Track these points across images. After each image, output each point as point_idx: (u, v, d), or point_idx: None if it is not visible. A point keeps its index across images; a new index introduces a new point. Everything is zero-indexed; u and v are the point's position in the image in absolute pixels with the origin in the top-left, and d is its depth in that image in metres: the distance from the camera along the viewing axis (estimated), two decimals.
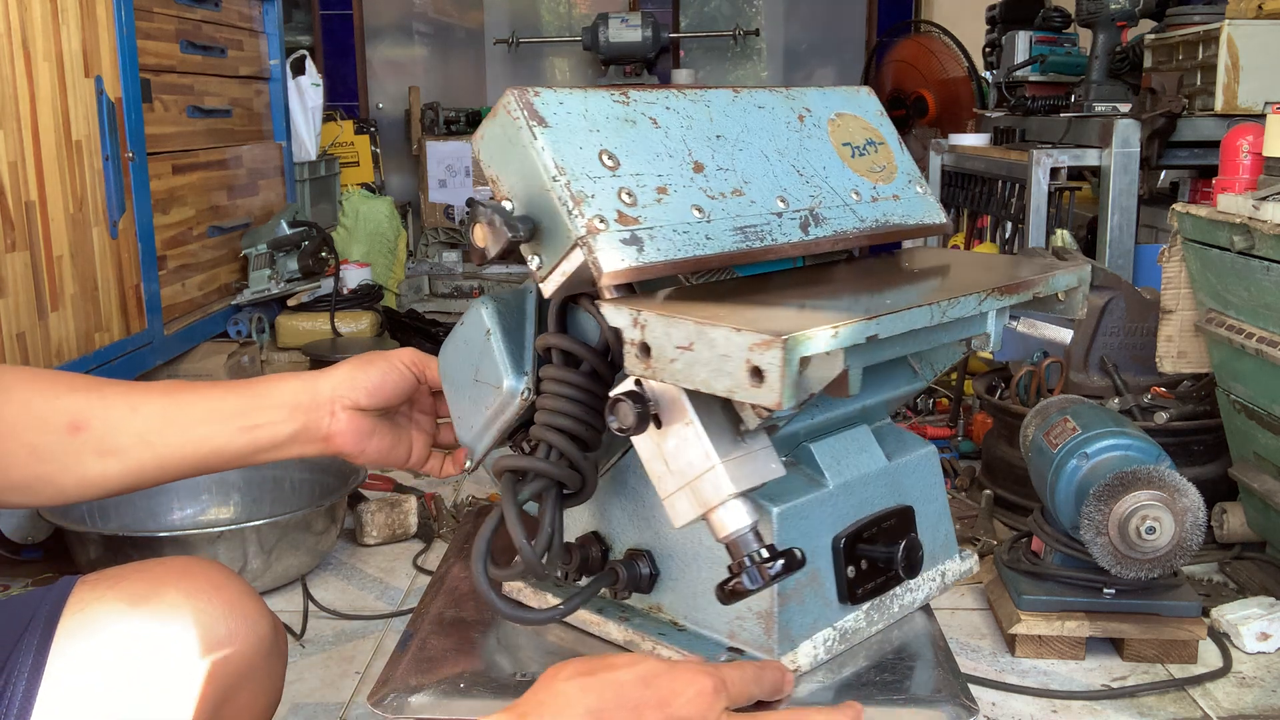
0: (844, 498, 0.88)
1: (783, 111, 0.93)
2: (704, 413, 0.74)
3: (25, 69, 2.12)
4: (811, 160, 0.91)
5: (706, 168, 0.84)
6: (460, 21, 5.06)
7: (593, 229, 0.75)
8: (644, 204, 0.79)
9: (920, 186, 0.98)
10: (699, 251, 0.79)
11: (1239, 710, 1.49)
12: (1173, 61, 2.56)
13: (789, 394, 0.65)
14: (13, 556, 1.95)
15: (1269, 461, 1.79)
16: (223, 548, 1.75)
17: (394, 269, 4.23)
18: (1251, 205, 1.69)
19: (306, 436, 0.96)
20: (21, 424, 0.91)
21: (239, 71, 3.39)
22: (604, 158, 0.79)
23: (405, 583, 1.92)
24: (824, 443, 0.90)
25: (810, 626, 0.85)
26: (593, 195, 0.76)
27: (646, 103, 0.85)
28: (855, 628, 0.88)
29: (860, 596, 0.88)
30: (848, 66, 5.05)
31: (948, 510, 0.99)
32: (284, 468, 2.11)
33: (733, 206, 0.84)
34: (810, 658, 0.84)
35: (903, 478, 0.93)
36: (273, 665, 0.97)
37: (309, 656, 1.66)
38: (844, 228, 0.90)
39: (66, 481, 0.93)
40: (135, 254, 2.60)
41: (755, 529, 0.74)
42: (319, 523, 1.88)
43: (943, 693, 0.85)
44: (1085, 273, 0.91)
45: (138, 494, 2.02)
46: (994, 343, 0.87)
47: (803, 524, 0.84)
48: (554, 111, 0.79)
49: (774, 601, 0.82)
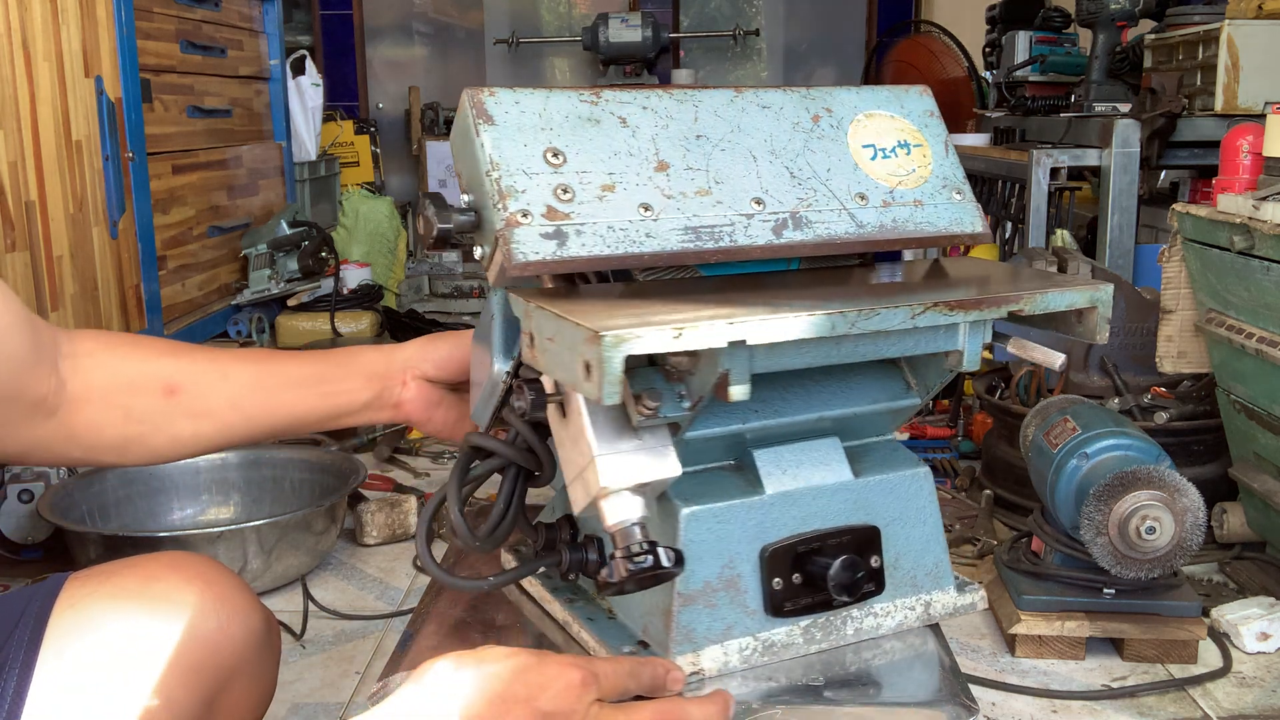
0: (784, 508, 0.86)
1: (792, 112, 0.91)
2: (600, 407, 0.76)
3: (25, 69, 2.12)
4: (813, 162, 0.90)
5: (672, 167, 0.85)
6: (460, 21, 5.06)
7: (513, 222, 0.78)
8: (582, 200, 0.80)
9: (958, 193, 0.93)
10: (634, 249, 0.80)
11: (1239, 710, 1.49)
12: (1173, 61, 2.56)
13: (608, 390, 0.68)
14: (12, 556, 1.95)
15: (1269, 461, 1.79)
16: (223, 548, 1.75)
17: (394, 269, 4.23)
18: (1251, 205, 1.69)
19: (379, 403, 1.02)
20: (115, 387, 0.95)
21: (239, 71, 3.39)
22: (549, 155, 0.81)
23: (405, 583, 1.92)
24: (772, 450, 0.88)
25: (723, 632, 0.84)
26: (523, 190, 0.79)
27: (620, 103, 0.86)
28: (785, 643, 0.86)
29: (787, 611, 0.86)
30: (848, 66, 5.05)
31: (939, 537, 0.93)
32: (284, 468, 2.11)
33: (691, 206, 0.84)
34: (718, 662, 0.84)
35: (874, 497, 0.90)
36: (265, 658, 0.98)
37: (309, 656, 1.66)
38: (833, 233, 0.88)
39: (159, 442, 0.97)
40: (135, 254, 2.60)
41: (643, 524, 0.76)
42: (319, 523, 1.88)
43: (943, 693, 0.85)
44: (1101, 294, 0.85)
45: (138, 494, 2.02)
46: (968, 361, 0.84)
47: (719, 529, 0.84)
48: (506, 110, 0.82)
49: (674, 601, 0.83)
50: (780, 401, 0.88)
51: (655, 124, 0.86)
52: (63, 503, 1.87)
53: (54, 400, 0.92)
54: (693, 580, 0.83)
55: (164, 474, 2.06)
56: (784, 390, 0.89)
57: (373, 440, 2.60)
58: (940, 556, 0.94)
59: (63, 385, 0.93)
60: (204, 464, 2.09)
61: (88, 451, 0.96)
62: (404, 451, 2.60)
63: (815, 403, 0.89)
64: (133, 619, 0.87)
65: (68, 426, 0.93)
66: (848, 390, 0.91)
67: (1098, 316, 0.85)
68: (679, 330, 0.69)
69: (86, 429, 0.94)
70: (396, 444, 2.60)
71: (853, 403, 0.91)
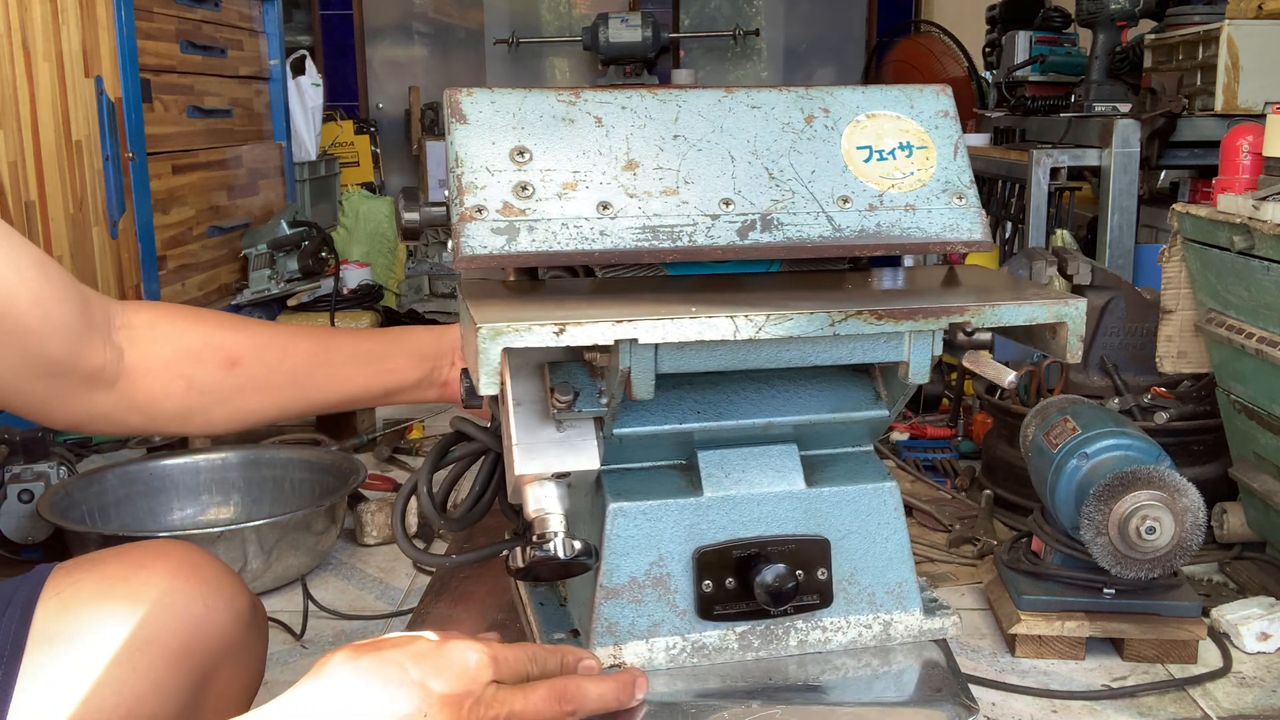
0: (723, 512, 0.86)
1: (784, 112, 0.90)
2: (528, 397, 0.80)
3: (25, 69, 2.12)
4: (797, 163, 0.89)
5: (641, 166, 0.85)
6: (460, 21, 5.06)
7: (466, 216, 0.81)
8: (541, 198, 0.83)
9: (958, 197, 0.91)
10: (586, 246, 0.82)
11: (1239, 710, 1.49)
12: (1173, 61, 2.56)
13: (484, 380, 0.71)
14: (12, 557, 1.95)
15: (1269, 461, 1.79)
16: (223, 548, 1.75)
17: (394, 269, 4.23)
18: (1251, 205, 1.69)
19: (428, 382, 1.06)
20: (177, 358, 0.97)
21: (239, 71, 3.39)
22: (515, 153, 0.83)
23: (405, 583, 1.92)
24: (718, 452, 0.88)
25: (649, 629, 0.85)
26: (483, 186, 0.82)
27: (599, 103, 0.87)
28: (718, 647, 0.86)
29: (718, 615, 0.85)
30: (848, 66, 5.05)
31: (904, 556, 0.90)
32: (284, 468, 2.11)
33: (654, 206, 0.84)
34: (641, 658, 0.85)
35: (827, 508, 0.88)
36: (253, 639, 0.98)
37: (309, 656, 1.66)
38: (805, 236, 0.86)
39: (221, 413, 0.99)
40: (135, 254, 2.60)
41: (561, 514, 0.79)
42: (319, 523, 1.88)
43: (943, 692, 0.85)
44: (1070, 310, 0.82)
45: (138, 494, 2.02)
46: (914, 373, 0.83)
47: (648, 526, 0.84)
48: (480, 110, 0.84)
49: (596, 593, 0.84)
50: (727, 404, 0.88)
51: (632, 123, 0.87)
52: (63, 503, 1.87)
53: (113, 370, 0.93)
54: (617, 575, 0.84)
55: (164, 473, 2.06)
56: (732, 393, 0.88)
57: (373, 440, 2.60)
58: (905, 576, 0.90)
59: (120, 355, 0.94)
60: (204, 464, 2.09)
61: (149, 420, 0.98)
62: (404, 451, 2.60)
63: (766, 407, 0.88)
64: (118, 606, 0.87)
65: (128, 396, 0.95)
66: (805, 397, 0.90)
67: (1069, 334, 0.82)
68: (560, 326, 0.72)
69: (148, 399, 0.96)
70: (396, 444, 2.60)
71: (809, 410, 0.89)
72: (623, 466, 0.88)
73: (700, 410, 0.87)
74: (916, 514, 2.11)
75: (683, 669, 0.85)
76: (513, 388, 0.79)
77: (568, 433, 0.80)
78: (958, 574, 1.89)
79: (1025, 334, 0.86)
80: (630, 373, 0.75)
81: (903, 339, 0.82)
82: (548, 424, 0.80)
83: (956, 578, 1.87)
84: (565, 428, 0.80)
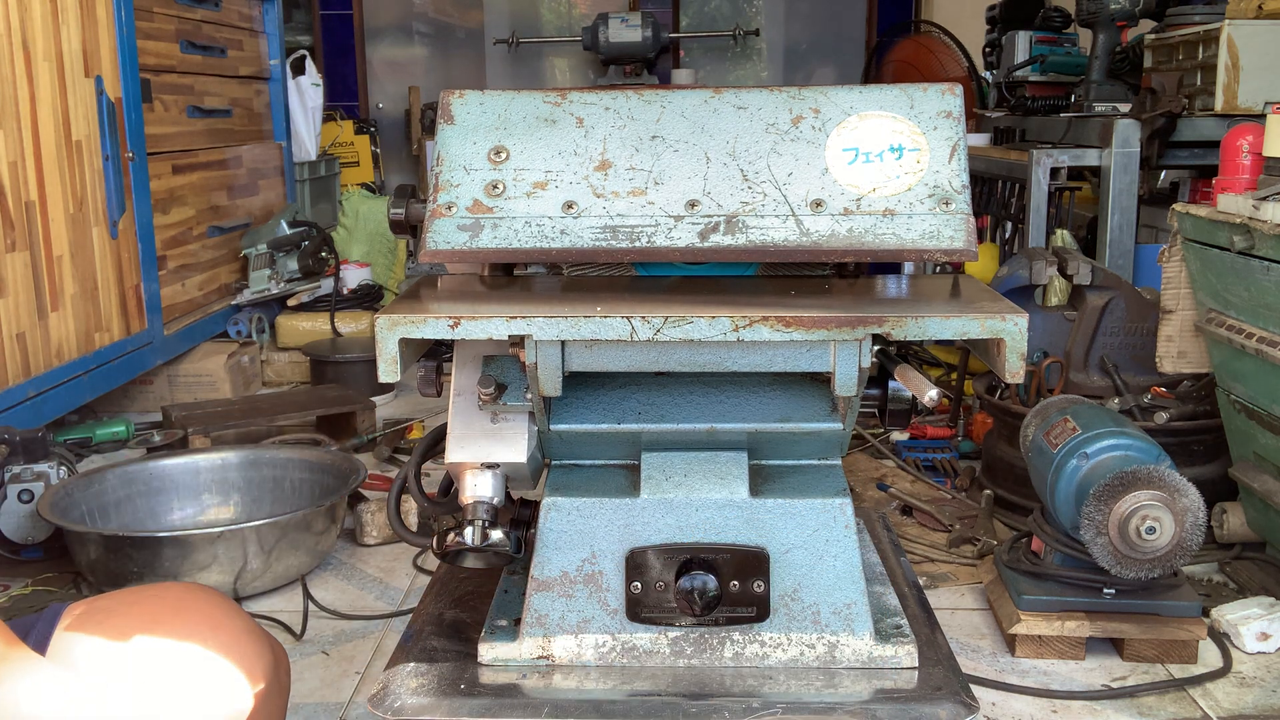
0: (661, 514, 0.86)
1: (770, 113, 0.89)
2: (468, 389, 0.83)
3: (25, 69, 2.12)
4: (775, 165, 0.87)
5: (615, 166, 0.86)
6: (460, 21, 5.06)
7: (436, 213, 0.84)
8: (511, 196, 0.85)
9: (945, 204, 0.89)
10: (546, 244, 0.84)
11: (1239, 710, 1.49)
12: (1173, 61, 2.56)
13: (383, 368, 0.75)
14: (12, 557, 1.95)
15: (1269, 461, 1.79)
16: (222, 548, 1.75)
17: (394, 269, 4.23)
18: (1251, 205, 1.69)
19: None
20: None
21: (239, 71, 3.39)
22: (493, 153, 0.86)
23: (405, 583, 1.92)
24: (663, 455, 0.88)
25: (578, 625, 0.86)
26: (457, 185, 0.84)
27: (583, 103, 0.88)
28: (649, 649, 0.86)
29: (645, 618, 0.86)
30: (848, 66, 5.05)
31: (855, 577, 0.87)
32: (284, 468, 2.11)
33: (619, 206, 0.85)
34: (568, 652, 0.86)
35: (769, 520, 0.87)
36: (274, 695, 0.94)
37: (309, 656, 1.66)
38: (770, 239, 0.85)
39: None
40: (135, 254, 2.60)
41: (492, 503, 0.82)
42: (319, 523, 1.88)
43: (943, 692, 0.85)
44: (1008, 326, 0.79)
45: (138, 494, 2.02)
46: (840, 385, 0.81)
47: (581, 523, 0.86)
48: (468, 111, 0.87)
49: (529, 584, 0.87)
50: (671, 407, 0.88)
51: (612, 124, 0.88)
52: (63, 503, 1.87)
53: None
54: (549, 568, 0.86)
55: (164, 473, 2.06)
56: (678, 396, 0.89)
57: (373, 440, 2.60)
58: (854, 597, 0.88)
59: None
60: (204, 464, 2.09)
61: None
62: (404, 451, 2.60)
63: (711, 413, 0.88)
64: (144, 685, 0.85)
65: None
66: (754, 405, 0.89)
67: (1007, 350, 0.79)
68: (455, 320, 0.74)
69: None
70: (396, 444, 2.60)
71: (755, 419, 0.88)
72: (571, 463, 0.90)
73: (642, 412, 0.87)
74: (916, 514, 2.11)
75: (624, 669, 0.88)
76: (456, 378, 0.82)
77: (501, 425, 0.82)
78: (958, 574, 1.89)
79: (973, 350, 0.87)
80: (536, 368, 0.77)
81: (827, 349, 0.81)
82: (484, 415, 0.82)
83: (956, 578, 1.87)
84: (499, 420, 0.82)
